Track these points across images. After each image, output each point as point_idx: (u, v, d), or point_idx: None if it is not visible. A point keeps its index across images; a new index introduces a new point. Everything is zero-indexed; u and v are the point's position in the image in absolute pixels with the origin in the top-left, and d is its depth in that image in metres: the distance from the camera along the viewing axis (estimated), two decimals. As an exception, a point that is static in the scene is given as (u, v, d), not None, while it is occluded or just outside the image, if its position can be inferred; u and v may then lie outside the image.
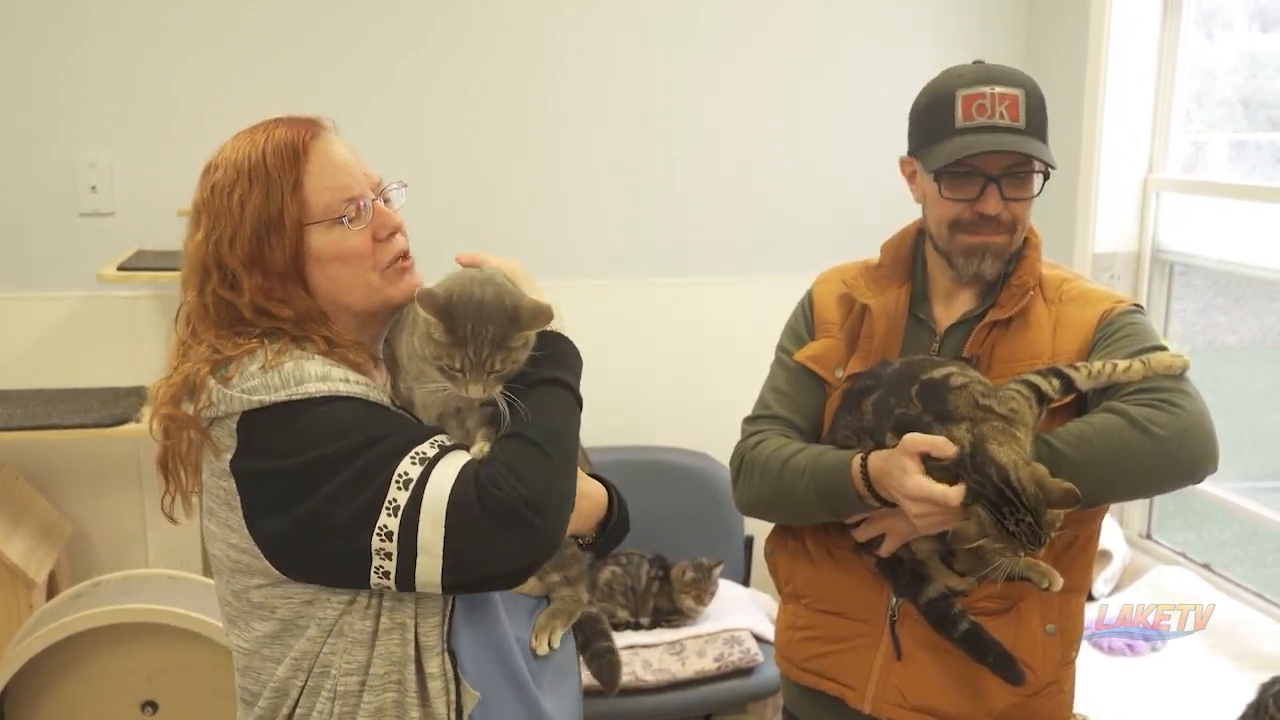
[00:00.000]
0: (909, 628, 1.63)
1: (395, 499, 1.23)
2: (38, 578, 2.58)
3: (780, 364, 1.78)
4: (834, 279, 1.79)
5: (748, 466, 1.70)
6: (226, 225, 1.30)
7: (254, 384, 1.26)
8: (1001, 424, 1.44)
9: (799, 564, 1.74)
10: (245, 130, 1.37)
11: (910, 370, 1.55)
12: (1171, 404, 1.49)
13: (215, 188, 1.32)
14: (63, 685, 2.43)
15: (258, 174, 1.30)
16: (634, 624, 2.92)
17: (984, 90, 1.58)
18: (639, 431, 3.28)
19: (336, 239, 1.32)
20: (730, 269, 3.30)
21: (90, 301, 2.90)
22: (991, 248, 1.62)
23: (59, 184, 2.87)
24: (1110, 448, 1.47)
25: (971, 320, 1.66)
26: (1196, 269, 3.19)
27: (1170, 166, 3.20)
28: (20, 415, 2.62)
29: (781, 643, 1.79)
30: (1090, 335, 1.60)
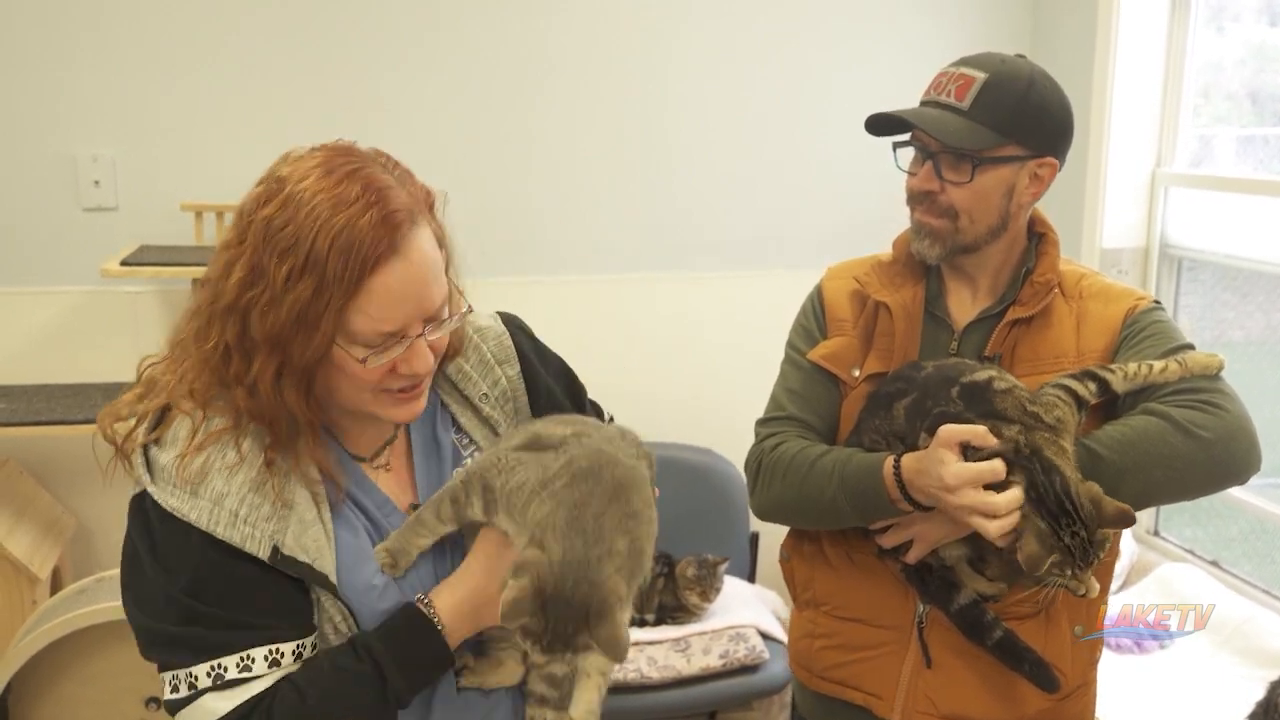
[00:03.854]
0: (938, 634, 1.59)
1: (176, 682, 1.17)
2: (41, 573, 2.57)
3: (792, 363, 1.73)
4: (844, 275, 1.74)
5: (767, 469, 1.65)
6: (264, 290, 1.14)
7: (162, 462, 1.19)
8: (1050, 434, 1.40)
9: (818, 570, 1.70)
10: (333, 167, 1.18)
11: (947, 373, 1.51)
12: (1213, 405, 1.46)
13: (270, 236, 1.14)
14: (66, 681, 2.43)
15: (315, 263, 1.12)
16: (639, 621, 2.91)
17: (950, 70, 1.59)
18: (643, 427, 3.23)
19: (351, 359, 1.18)
20: (735, 264, 3.29)
21: (93, 296, 2.89)
22: (928, 229, 1.59)
23: (62, 179, 2.86)
24: (1155, 452, 1.44)
25: (991, 318, 1.62)
26: (1204, 264, 3.17)
27: (1178, 161, 3.18)
28: (23, 410, 2.62)
29: (799, 651, 1.74)
30: (1116, 333, 1.58)
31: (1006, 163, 1.55)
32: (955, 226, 1.58)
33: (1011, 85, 1.54)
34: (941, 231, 1.58)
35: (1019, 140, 1.55)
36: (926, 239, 1.60)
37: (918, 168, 1.59)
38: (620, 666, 2.71)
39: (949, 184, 1.56)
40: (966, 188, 1.55)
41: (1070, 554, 1.34)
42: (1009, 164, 1.55)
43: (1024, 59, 1.60)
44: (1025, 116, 1.54)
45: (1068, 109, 1.61)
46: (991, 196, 1.56)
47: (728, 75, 3.19)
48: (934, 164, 1.56)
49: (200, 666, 1.16)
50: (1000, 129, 1.53)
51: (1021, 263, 1.64)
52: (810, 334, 1.72)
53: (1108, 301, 1.60)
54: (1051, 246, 1.64)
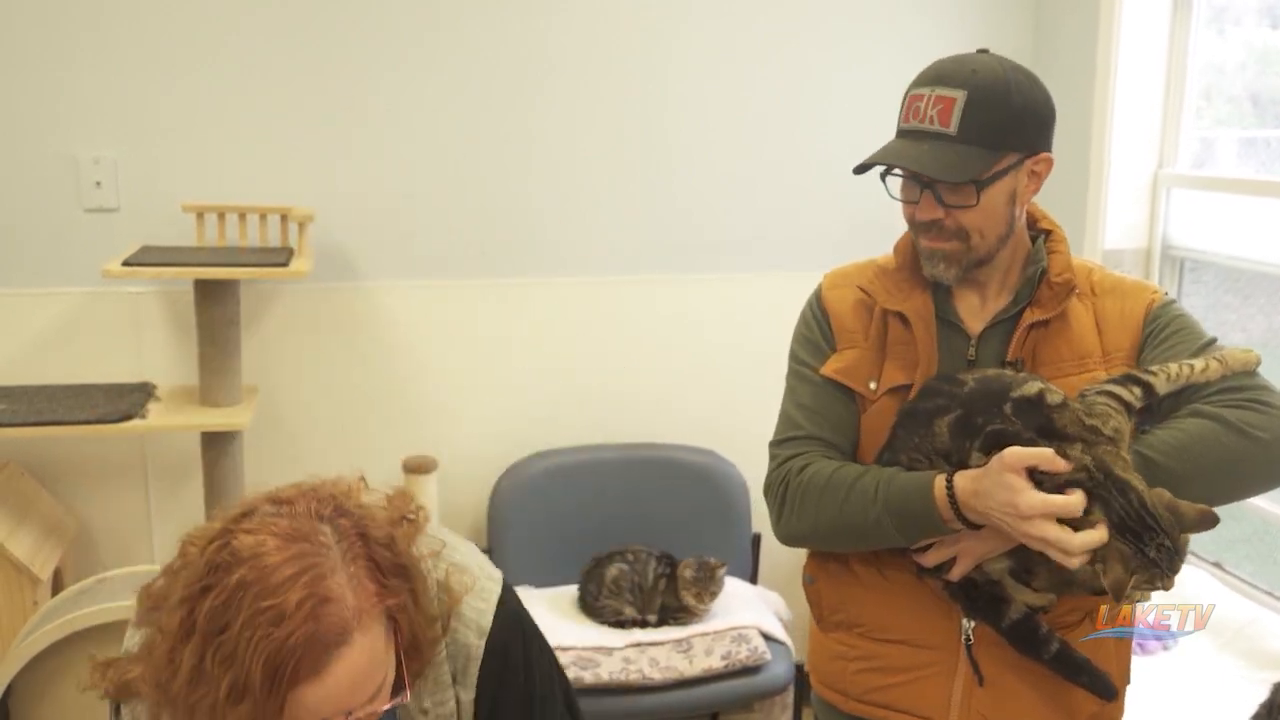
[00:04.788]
0: (987, 650, 1.54)
1: None
2: (43, 574, 2.57)
3: (802, 379, 1.65)
4: (845, 284, 1.67)
5: (797, 493, 1.57)
6: (208, 694, 1.10)
7: None
8: (1112, 447, 1.36)
9: (849, 591, 1.64)
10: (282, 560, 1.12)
11: (994, 388, 1.45)
12: (1263, 404, 1.43)
13: (212, 636, 1.10)
14: (67, 681, 2.43)
15: (250, 687, 1.09)
16: (641, 621, 2.91)
17: (924, 92, 1.52)
18: (645, 429, 3.27)
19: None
20: (735, 265, 3.28)
21: (94, 298, 2.89)
22: (942, 253, 1.54)
23: (63, 180, 2.86)
24: (1212, 455, 1.40)
25: (1006, 321, 1.58)
26: (1206, 265, 3.17)
27: (1180, 162, 3.18)
28: (24, 411, 2.61)
29: (828, 673, 1.68)
30: (1139, 329, 1.54)
31: (1006, 173, 1.51)
32: (968, 246, 1.54)
33: (993, 96, 1.49)
34: (955, 254, 1.54)
35: (1012, 148, 1.50)
36: (940, 263, 1.55)
37: (914, 195, 1.54)
38: (622, 666, 2.71)
39: (954, 209, 1.52)
40: (973, 210, 1.51)
41: (1157, 565, 1.32)
42: (1009, 173, 1.51)
43: (988, 55, 1.55)
44: (1014, 123, 1.50)
45: (1048, 97, 1.55)
46: (998, 209, 1.52)
47: (727, 76, 3.18)
48: (933, 193, 1.52)
49: None
50: (993, 144, 1.49)
51: (1027, 260, 1.60)
52: (817, 346, 1.65)
53: (1124, 297, 1.57)
54: (1060, 243, 1.60)
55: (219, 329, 2.71)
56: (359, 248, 3.03)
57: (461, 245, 3.10)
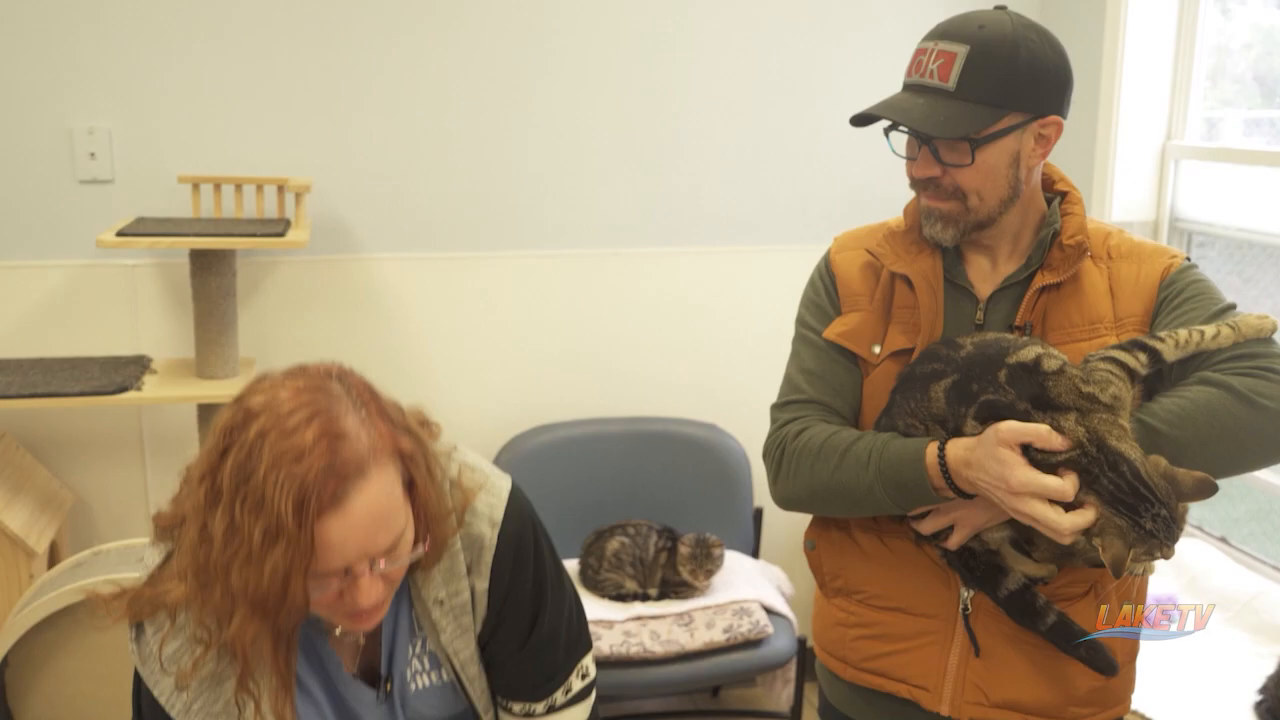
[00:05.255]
0: (984, 621, 1.52)
1: None
2: (38, 547, 2.55)
3: (806, 342, 1.63)
4: (853, 246, 1.64)
5: (792, 457, 1.56)
6: (241, 545, 1.14)
7: (147, 634, 1.27)
8: (1109, 415, 1.32)
9: (849, 558, 1.62)
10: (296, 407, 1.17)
11: (990, 353, 1.42)
12: (1274, 371, 1.38)
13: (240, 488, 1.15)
14: (63, 654, 2.41)
15: (283, 525, 1.13)
16: (642, 595, 2.90)
17: (929, 46, 1.48)
18: (646, 403, 3.25)
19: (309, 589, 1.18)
20: (739, 238, 3.25)
21: (90, 270, 2.86)
22: (939, 213, 1.51)
23: (57, 151, 2.82)
24: (1217, 424, 1.36)
25: (1016, 285, 1.54)
26: (1215, 238, 3.14)
27: (1189, 135, 3.15)
28: (19, 384, 2.59)
29: (829, 640, 1.67)
30: (1153, 295, 1.49)
31: (1007, 133, 1.46)
32: (966, 207, 1.50)
33: (998, 52, 1.44)
34: (953, 214, 1.51)
35: (1016, 107, 1.46)
36: (938, 223, 1.52)
37: (915, 152, 1.51)
38: (623, 639, 2.69)
39: (950, 167, 1.48)
40: (970, 169, 1.47)
41: (1154, 536, 1.29)
42: (1010, 134, 1.46)
43: (1004, 12, 1.50)
44: (1018, 82, 1.44)
45: (1063, 59, 1.50)
46: (998, 170, 1.48)
47: (730, 49, 3.14)
48: (930, 149, 1.48)
49: None
50: (994, 102, 1.44)
51: (1041, 223, 1.56)
52: (822, 309, 1.63)
53: (1140, 262, 1.51)
54: (1076, 205, 1.55)
55: (215, 301, 2.69)
56: (357, 219, 3.00)
57: (461, 217, 3.07)
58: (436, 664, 1.38)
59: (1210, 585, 2.77)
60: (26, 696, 2.44)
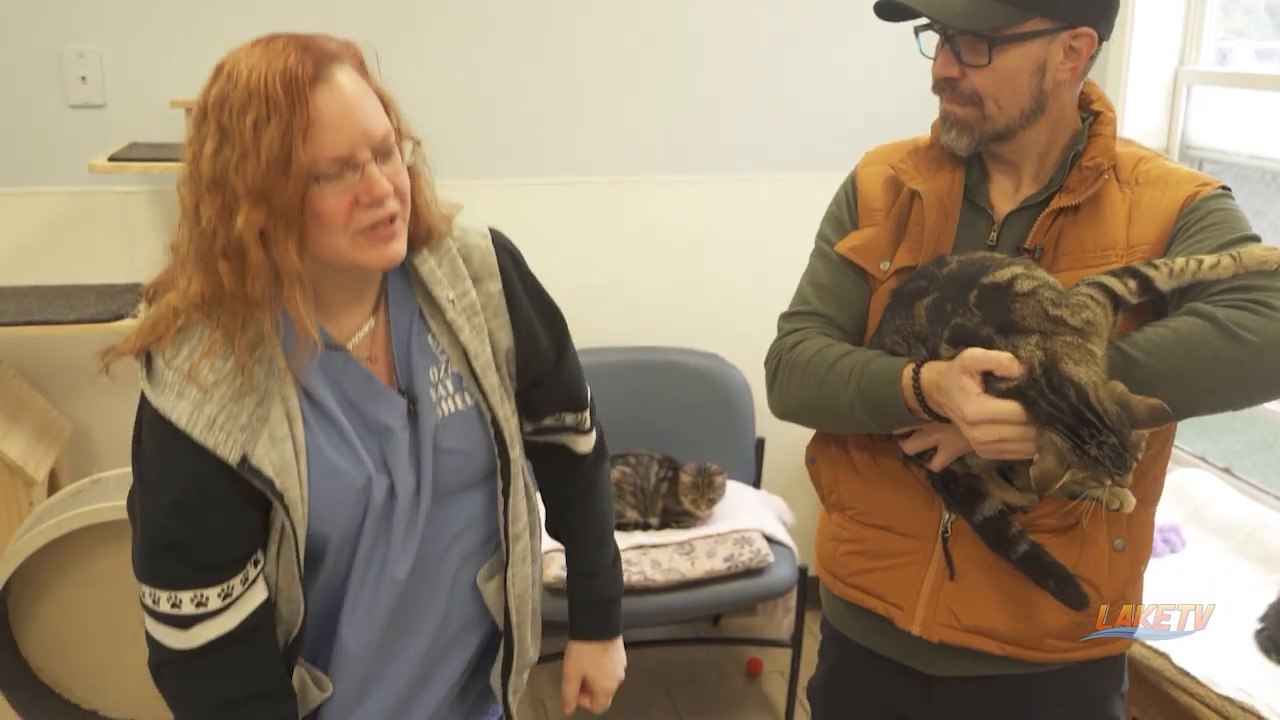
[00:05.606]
0: (963, 546, 1.50)
1: (155, 599, 1.30)
2: (38, 475, 2.55)
3: (820, 255, 1.61)
4: (880, 160, 1.61)
5: (786, 369, 1.56)
6: (237, 145, 1.20)
7: (157, 366, 1.29)
8: (1075, 338, 1.29)
9: (843, 474, 1.62)
10: (260, 42, 1.27)
11: (969, 272, 1.40)
12: (1266, 305, 1.31)
13: (226, 103, 1.22)
14: (64, 582, 2.42)
15: (274, 103, 1.20)
16: (643, 524, 2.90)
17: None
18: (649, 332, 3.22)
19: (313, 195, 1.23)
20: (741, 167, 3.20)
21: (83, 196, 2.82)
22: (955, 118, 1.48)
23: (47, 75, 2.77)
24: (1194, 356, 1.31)
25: (1034, 207, 1.49)
26: (1226, 165, 3.10)
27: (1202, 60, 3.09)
28: (14, 311, 2.57)
29: (824, 555, 1.68)
30: (1171, 224, 1.42)
31: (1031, 39, 1.41)
32: (982, 114, 1.46)
33: None
34: (968, 120, 1.47)
35: (1044, 12, 1.40)
36: (954, 129, 1.48)
37: (939, 52, 1.48)
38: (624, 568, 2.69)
39: (968, 68, 1.44)
40: (986, 70, 1.42)
41: (1100, 463, 1.25)
42: (1035, 39, 1.41)
43: None
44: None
45: None
46: (1019, 77, 1.43)
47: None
48: (951, 47, 1.44)
49: (163, 593, 1.30)
50: (1020, 2, 1.39)
51: (1071, 145, 1.50)
52: (841, 224, 1.60)
53: (1165, 188, 1.45)
54: (1106, 126, 1.48)
55: (211, 227, 2.65)
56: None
57: (466, 145, 3.01)
58: (460, 386, 1.41)
59: (1213, 516, 2.77)
60: (28, 623, 2.45)
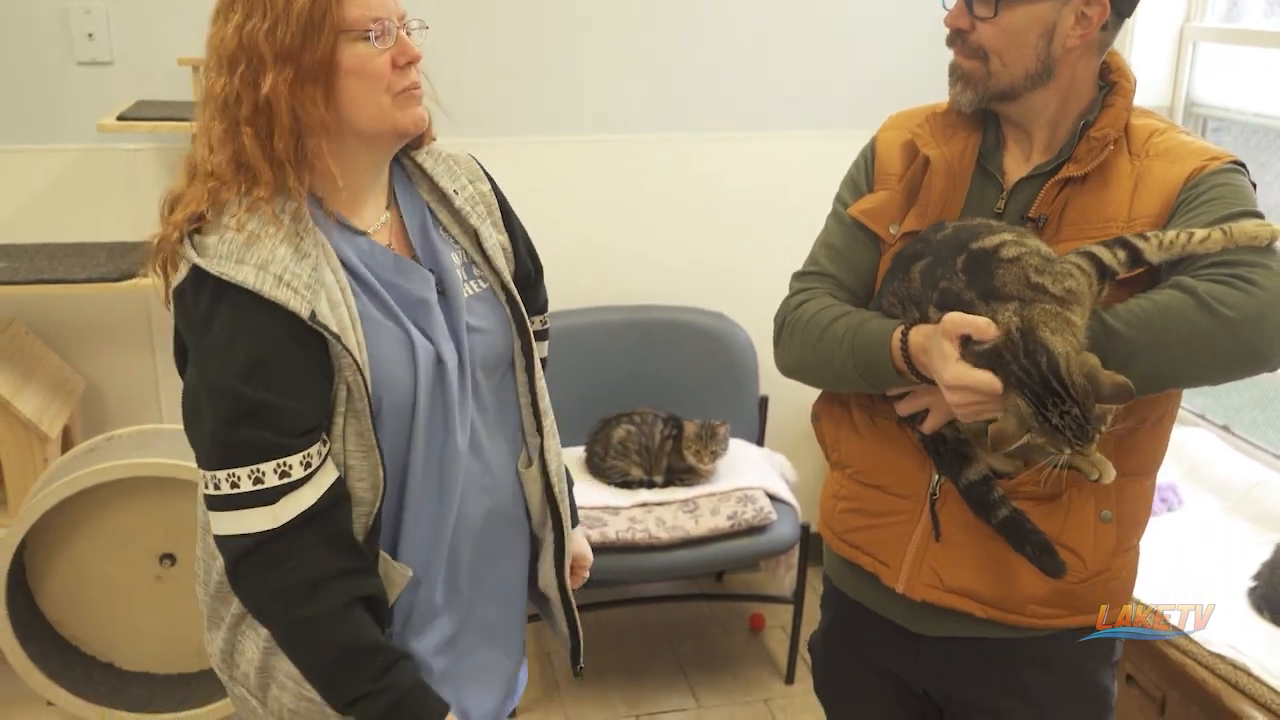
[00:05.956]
0: (950, 508, 1.52)
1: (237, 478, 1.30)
2: (51, 432, 2.58)
3: (835, 217, 1.64)
4: (900, 125, 1.62)
5: (789, 327, 1.59)
6: (268, 15, 1.29)
7: (209, 241, 1.32)
8: (1054, 306, 1.30)
9: (843, 432, 1.65)
10: None
11: (960, 237, 1.42)
12: (1248, 281, 1.31)
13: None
14: (80, 538, 2.46)
15: None
16: (648, 482, 2.93)
17: None
18: (654, 291, 3.24)
19: (360, 54, 1.33)
20: (747, 125, 3.19)
21: (91, 154, 2.83)
22: (960, 71, 1.50)
23: (54, 31, 2.77)
24: (1172, 329, 1.31)
25: (1043, 175, 1.49)
26: (1231, 122, 3.09)
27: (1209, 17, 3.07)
28: (26, 269, 2.58)
29: (825, 511, 1.71)
30: (1173, 197, 1.42)
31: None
32: (986, 69, 1.47)
33: None
34: (972, 74, 1.48)
35: None
36: (959, 83, 1.51)
37: (955, 4, 1.49)
38: (629, 525, 2.74)
39: (977, 20, 1.45)
40: (993, 24, 1.44)
41: (1060, 432, 1.28)
42: (1044, 0, 1.43)
43: None
44: None
45: None
46: (1025, 36, 1.44)
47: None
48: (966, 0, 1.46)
49: (244, 470, 1.30)
50: None
51: (1084, 115, 1.50)
52: (857, 186, 1.63)
53: (1173, 161, 1.44)
54: (1121, 97, 1.48)
55: (219, 186, 2.66)
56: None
57: (470, 101, 3.01)
58: (472, 273, 1.51)
59: (1211, 474, 2.79)
60: (44, 579, 2.49)
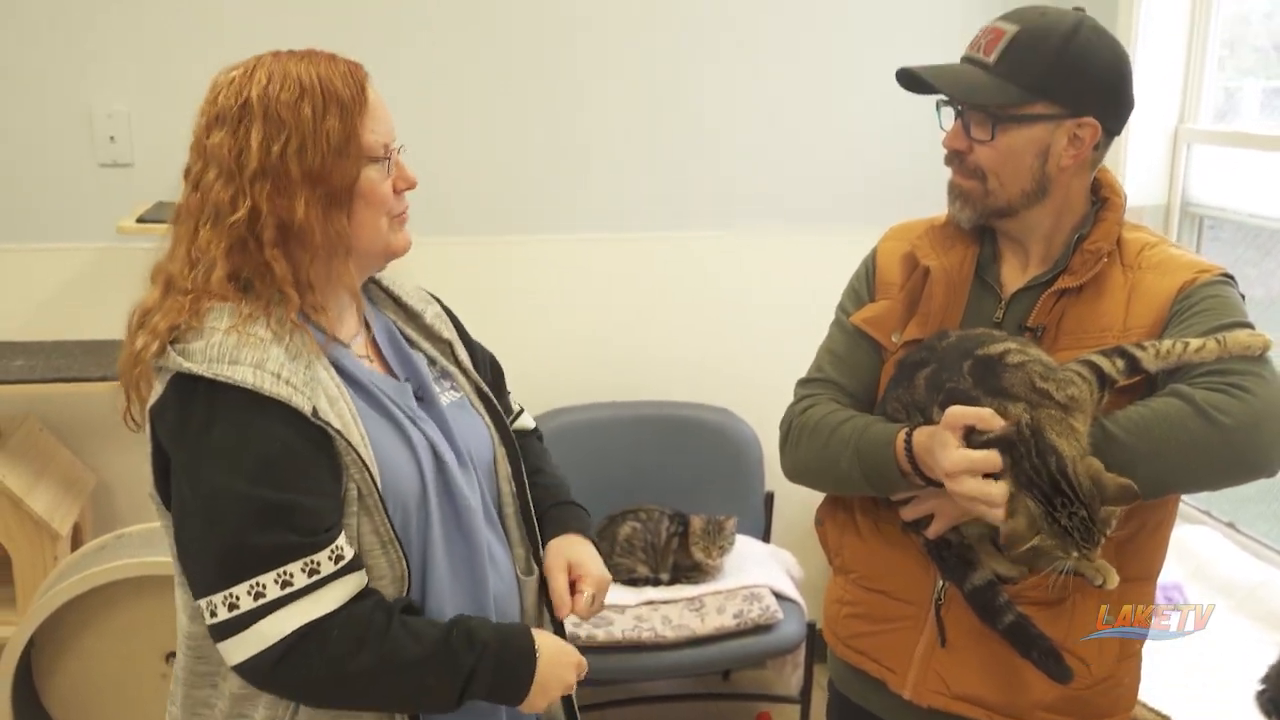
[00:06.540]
0: (955, 613, 1.54)
1: (262, 587, 1.24)
2: (62, 529, 2.60)
3: (838, 325, 1.70)
4: (900, 236, 1.69)
5: (795, 432, 1.63)
6: (293, 135, 1.29)
7: (194, 347, 1.28)
8: (1059, 412, 1.34)
9: (847, 537, 1.67)
10: (284, 53, 1.37)
11: (965, 345, 1.46)
12: (1243, 389, 1.36)
13: (272, 98, 1.30)
14: (87, 636, 2.46)
15: (330, 94, 1.31)
16: (654, 580, 2.93)
17: (989, 24, 1.53)
18: (660, 387, 3.27)
19: (372, 178, 1.36)
20: (754, 224, 3.25)
21: (110, 253, 2.89)
22: (959, 190, 1.56)
23: (78, 134, 2.85)
24: (1171, 436, 1.35)
25: (1039, 286, 1.55)
26: (1226, 222, 3.13)
27: (1202, 117, 3.13)
28: (42, 367, 2.63)
29: (829, 616, 1.73)
30: (1166, 308, 1.48)
31: (1035, 121, 1.48)
32: (985, 189, 1.53)
33: (1044, 39, 1.47)
34: (971, 193, 1.55)
35: (1051, 98, 1.47)
36: (957, 201, 1.57)
37: (950, 123, 1.56)
38: (635, 624, 2.73)
39: (975, 142, 1.51)
40: (990, 146, 1.50)
41: (1069, 534, 1.30)
42: (1039, 123, 1.48)
43: (1079, 12, 1.52)
44: (1057, 73, 1.47)
45: (1117, 67, 1.51)
46: (1021, 157, 1.50)
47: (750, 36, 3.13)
48: (963, 122, 1.52)
49: (270, 575, 1.23)
50: (1027, 85, 1.47)
51: (1079, 229, 1.56)
52: (859, 296, 1.69)
53: (1165, 274, 1.50)
54: (1112, 212, 1.55)
55: (234, 286, 2.71)
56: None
57: (475, 202, 3.08)
58: (450, 380, 1.53)
59: (1216, 573, 2.78)
60: (50, 676, 2.49)
